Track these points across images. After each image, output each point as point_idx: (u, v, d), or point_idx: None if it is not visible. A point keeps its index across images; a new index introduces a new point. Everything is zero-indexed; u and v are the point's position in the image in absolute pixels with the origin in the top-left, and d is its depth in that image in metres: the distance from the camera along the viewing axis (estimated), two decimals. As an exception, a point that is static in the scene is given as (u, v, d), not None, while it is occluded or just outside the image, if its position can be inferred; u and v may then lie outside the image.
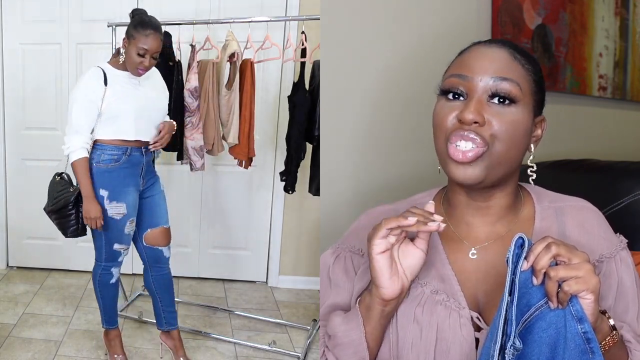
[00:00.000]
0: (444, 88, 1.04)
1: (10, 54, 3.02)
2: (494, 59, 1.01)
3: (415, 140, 1.91)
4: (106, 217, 2.01)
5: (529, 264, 0.89)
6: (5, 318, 2.56)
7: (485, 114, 0.98)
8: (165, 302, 2.19)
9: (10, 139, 3.09)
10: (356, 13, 1.79)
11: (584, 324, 0.87)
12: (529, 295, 0.90)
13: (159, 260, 2.18)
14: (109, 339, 2.22)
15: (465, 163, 0.98)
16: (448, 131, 1.01)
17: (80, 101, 1.96)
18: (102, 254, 2.09)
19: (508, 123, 0.99)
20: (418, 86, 1.88)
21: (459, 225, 1.10)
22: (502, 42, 1.06)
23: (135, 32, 1.95)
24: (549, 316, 0.89)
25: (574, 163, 1.76)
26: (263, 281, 3.15)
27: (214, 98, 2.41)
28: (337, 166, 1.81)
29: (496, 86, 0.99)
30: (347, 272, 1.14)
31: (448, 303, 1.03)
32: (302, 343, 2.42)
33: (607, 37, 2.55)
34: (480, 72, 1.00)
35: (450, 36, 1.91)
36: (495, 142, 0.98)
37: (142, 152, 2.06)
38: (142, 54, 1.94)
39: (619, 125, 2.65)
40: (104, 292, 2.17)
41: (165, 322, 2.19)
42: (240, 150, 2.47)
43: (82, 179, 1.96)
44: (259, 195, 3.07)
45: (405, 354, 1.02)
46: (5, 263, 3.18)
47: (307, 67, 2.37)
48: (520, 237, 0.90)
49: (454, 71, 1.04)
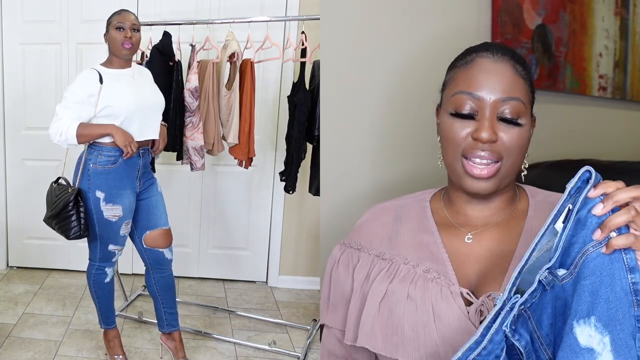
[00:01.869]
0: (454, 107, 1.06)
1: (10, 54, 3.03)
2: (501, 78, 1.05)
3: (416, 140, 1.91)
4: (101, 219, 2.02)
5: (600, 194, 0.86)
6: (5, 318, 2.56)
7: (497, 131, 1.04)
8: (168, 304, 2.19)
9: (10, 139, 3.09)
10: (356, 13, 1.79)
11: (635, 273, 0.83)
12: (577, 236, 0.85)
13: (161, 262, 2.18)
14: (108, 340, 2.22)
15: (481, 178, 1.04)
16: (462, 148, 1.05)
17: (70, 98, 1.98)
18: (96, 254, 2.10)
19: (516, 139, 1.04)
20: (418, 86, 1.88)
21: (457, 216, 1.14)
22: (503, 52, 1.08)
23: (109, 20, 2.06)
24: (593, 263, 0.84)
25: (574, 163, 1.76)
26: (263, 281, 3.15)
27: (214, 98, 2.41)
28: (337, 166, 1.81)
29: (505, 106, 1.04)
30: (350, 271, 1.16)
31: (439, 280, 1.06)
32: (302, 343, 2.42)
33: (607, 37, 2.55)
34: (489, 91, 1.04)
35: (450, 36, 1.91)
36: (506, 157, 1.04)
37: (139, 154, 2.06)
38: (120, 27, 2.01)
39: (619, 125, 2.64)
40: (98, 292, 2.17)
41: (167, 324, 2.19)
42: (240, 150, 2.47)
43: (93, 130, 1.96)
44: (259, 195, 3.07)
45: (400, 330, 1.04)
46: (5, 263, 3.18)
47: (307, 67, 2.37)
48: (587, 171, 0.86)
49: (463, 88, 1.06)
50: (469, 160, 1.04)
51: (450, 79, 1.10)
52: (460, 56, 1.11)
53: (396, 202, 1.21)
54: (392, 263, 1.11)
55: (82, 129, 1.94)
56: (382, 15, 1.84)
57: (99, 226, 2.03)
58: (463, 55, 1.11)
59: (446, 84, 1.11)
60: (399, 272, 1.09)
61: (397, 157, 1.91)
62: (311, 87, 2.34)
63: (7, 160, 3.11)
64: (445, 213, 1.15)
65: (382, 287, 1.09)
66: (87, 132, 1.95)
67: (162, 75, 2.37)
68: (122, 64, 2.06)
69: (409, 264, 1.10)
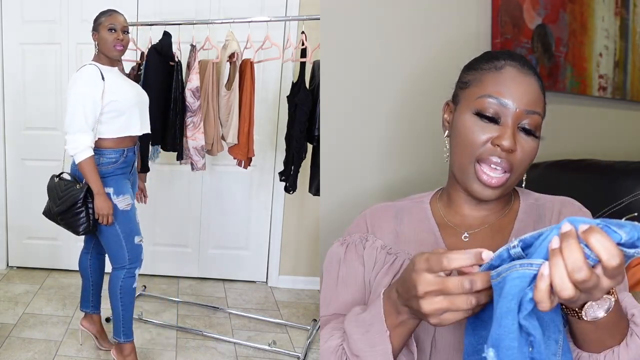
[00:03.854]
0: (480, 108, 1.07)
1: (10, 54, 3.02)
2: (528, 90, 1.07)
3: (416, 140, 1.91)
4: (118, 212, 2.01)
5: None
6: (5, 318, 2.56)
7: (517, 141, 1.06)
8: (97, 285, 2.27)
9: (10, 139, 3.09)
10: (356, 13, 1.79)
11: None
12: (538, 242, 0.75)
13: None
14: (124, 355, 2.11)
15: (490, 187, 1.07)
16: (479, 151, 1.06)
17: (82, 99, 1.95)
18: (124, 255, 2.05)
19: (529, 151, 1.07)
20: (419, 85, 1.88)
21: (454, 216, 1.17)
22: (528, 66, 1.10)
23: (98, 20, 2.06)
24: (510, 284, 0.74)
25: (574, 163, 1.76)
26: (263, 281, 3.15)
27: (214, 98, 2.41)
28: (337, 166, 1.81)
29: (527, 118, 1.06)
30: (359, 257, 1.17)
31: None
32: (302, 343, 2.42)
33: (607, 37, 2.55)
34: (517, 101, 1.05)
35: (450, 36, 1.91)
36: (515, 169, 1.07)
37: (134, 151, 2.12)
38: (112, 28, 2.02)
39: (619, 125, 2.64)
40: (125, 299, 2.08)
41: (92, 305, 2.27)
42: (240, 150, 2.47)
43: (92, 177, 1.96)
44: (259, 195, 3.07)
45: None
46: (5, 263, 3.18)
47: (307, 67, 2.37)
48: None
49: (492, 92, 1.07)
50: (482, 166, 1.06)
51: (475, 79, 1.11)
52: (485, 59, 1.12)
53: (394, 204, 1.24)
54: (396, 257, 1.13)
55: (86, 165, 1.94)
56: (382, 16, 1.84)
57: (120, 220, 2.02)
58: (488, 58, 1.12)
59: (469, 83, 1.11)
60: (403, 268, 1.11)
61: (397, 156, 1.91)
62: (311, 87, 2.34)
63: (7, 160, 3.11)
64: (442, 213, 1.18)
65: (386, 280, 1.11)
66: (87, 170, 1.95)
67: (161, 75, 2.37)
68: (111, 62, 2.07)
69: None
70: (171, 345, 2.39)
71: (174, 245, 3.14)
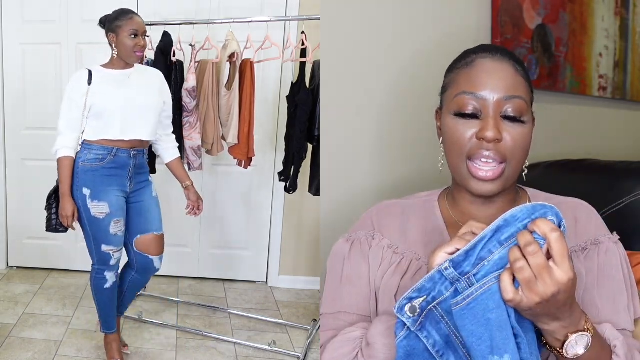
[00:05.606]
0: (458, 107, 1.06)
1: (10, 54, 3.02)
2: (502, 76, 1.05)
3: (416, 140, 1.91)
4: (90, 217, 2.03)
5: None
6: (5, 318, 2.56)
7: (501, 130, 1.04)
8: (123, 305, 2.25)
9: (10, 139, 3.09)
10: (356, 13, 1.79)
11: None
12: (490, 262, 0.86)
13: (147, 269, 2.19)
14: (106, 342, 2.23)
15: (487, 181, 1.05)
16: (467, 149, 1.06)
17: (64, 102, 2.04)
18: (93, 256, 2.11)
19: (519, 138, 1.05)
20: (418, 85, 1.88)
21: (462, 216, 1.15)
22: (502, 53, 1.09)
23: (118, 22, 2.03)
24: (498, 296, 0.84)
25: (574, 163, 1.76)
26: (263, 281, 3.15)
27: (214, 98, 2.41)
28: (337, 166, 1.81)
29: (508, 105, 1.04)
30: (364, 256, 1.16)
31: None
32: (302, 343, 2.42)
33: (607, 37, 2.55)
34: (492, 90, 1.04)
35: (450, 36, 1.91)
36: (510, 158, 1.05)
37: (130, 155, 2.06)
38: (134, 34, 2.01)
39: (619, 125, 2.64)
40: (98, 297, 2.16)
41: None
42: (240, 150, 2.47)
43: (62, 177, 2.02)
44: (259, 195, 3.07)
45: None
46: (5, 263, 3.18)
47: (307, 67, 2.37)
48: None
49: (465, 88, 1.06)
50: (474, 162, 1.05)
51: (451, 81, 1.11)
52: (459, 58, 1.12)
53: (401, 201, 1.23)
54: (403, 257, 1.13)
55: (59, 165, 2.03)
56: (382, 16, 1.84)
57: (89, 225, 2.04)
58: (461, 57, 1.12)
59: (447, 86, 1.12)
60: (410, 268, 1.11)
61: (397, 156, 1.91)
62: (311, 87, 2.34)
63: (7, 160, 3.11)
64: (450, 213, 1.17)
65: (393, 281, 1.11)
66: (59, 170, 2.03)
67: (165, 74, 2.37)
68: (124, 65, 2.07)
69: (420, 260, 1.12)
70: (171, 346, 2.39)
71: (174, 245, 3.13)
